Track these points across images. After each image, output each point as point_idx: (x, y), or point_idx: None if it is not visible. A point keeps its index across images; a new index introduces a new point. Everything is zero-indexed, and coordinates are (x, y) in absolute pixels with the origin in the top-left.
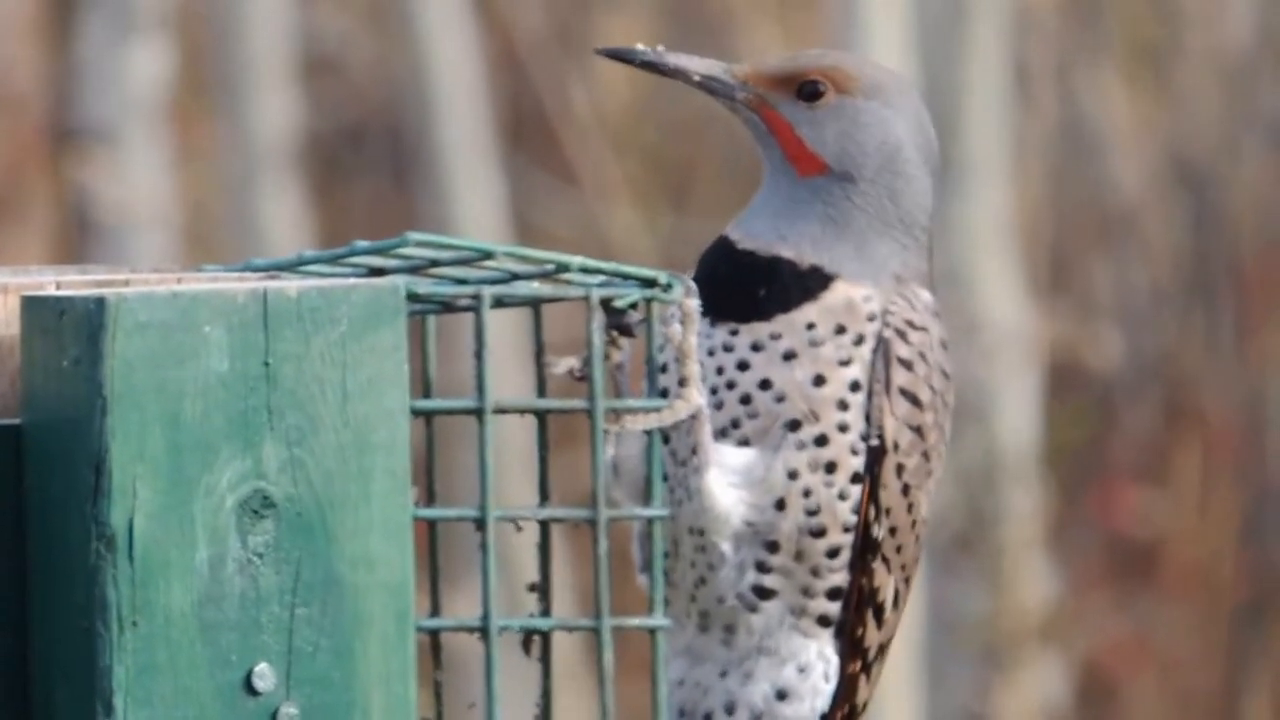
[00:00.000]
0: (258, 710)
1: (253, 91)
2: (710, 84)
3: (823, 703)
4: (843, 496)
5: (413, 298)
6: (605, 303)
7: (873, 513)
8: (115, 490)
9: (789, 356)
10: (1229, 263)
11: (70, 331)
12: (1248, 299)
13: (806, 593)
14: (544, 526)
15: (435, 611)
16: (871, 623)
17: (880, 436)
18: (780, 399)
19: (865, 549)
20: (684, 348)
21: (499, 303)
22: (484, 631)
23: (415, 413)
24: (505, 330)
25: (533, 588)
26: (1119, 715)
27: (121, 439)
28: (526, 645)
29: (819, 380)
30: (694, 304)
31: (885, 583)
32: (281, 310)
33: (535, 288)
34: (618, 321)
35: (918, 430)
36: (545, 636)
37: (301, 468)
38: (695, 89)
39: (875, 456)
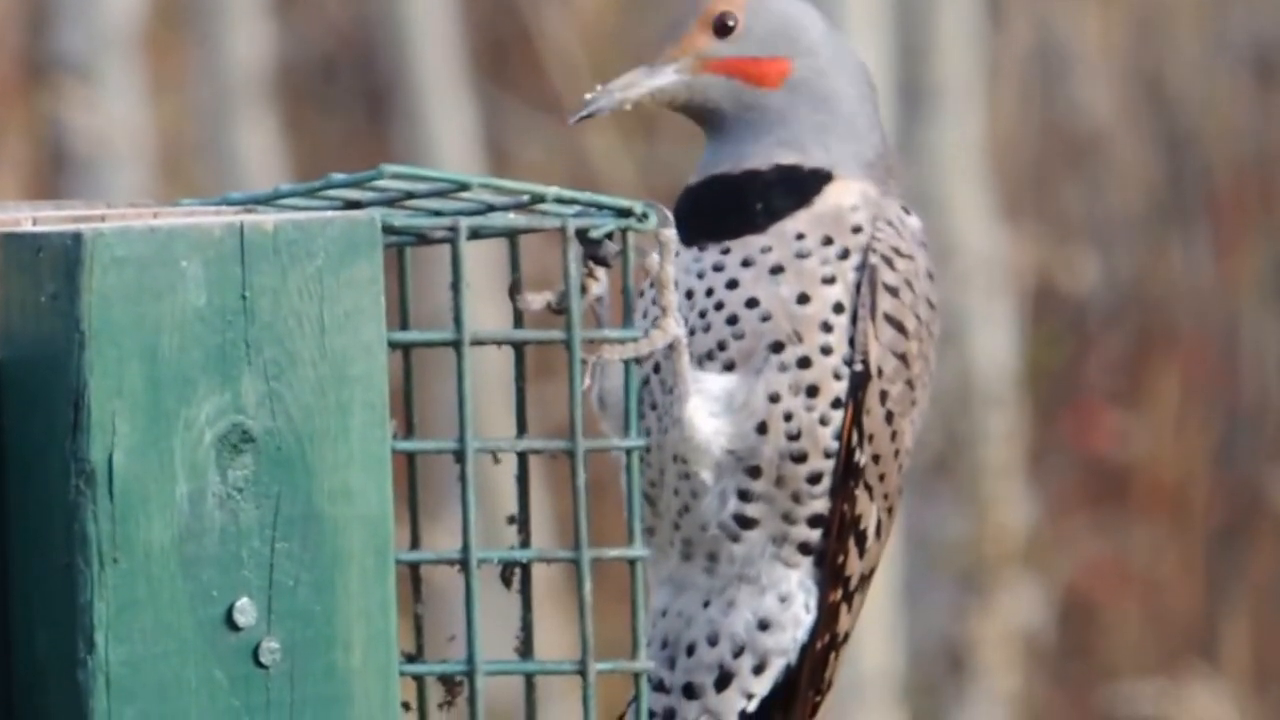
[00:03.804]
0: (239, 645)
1: (227, 23)
2: (660, 88)
3: (803, 633)
4: (824, 421)
5: (389, 230)
6: (581, 233)
7: (855, 438)
8: (94, 426)
9: (776, 271)
10: (1203, 185)
11: (47, 267)
12: (1221, 221)
13: (788, 519)
14: (522, 458)
15: (415, 544)
16: (853, 550)
17: (864, 362)
18: (765, 318)
19: (847, 475)
20: (661, 277)
21: (475, 234)
22: (464, 564)
23: (393, 345)
24: (482, 262)
25: (512, 520)
26: (1099, 638)
27: (100, 374)
28: (506, 577)
29: (803, 299)
30: (670, 233)
31: (867, 510)
32: (258, 244)
33: (511, 219)
34: (594, 252)
35: (902, 358)
36: (525, 568)
37: (280, 401)
38: (656, 100)
39: (859, 382)
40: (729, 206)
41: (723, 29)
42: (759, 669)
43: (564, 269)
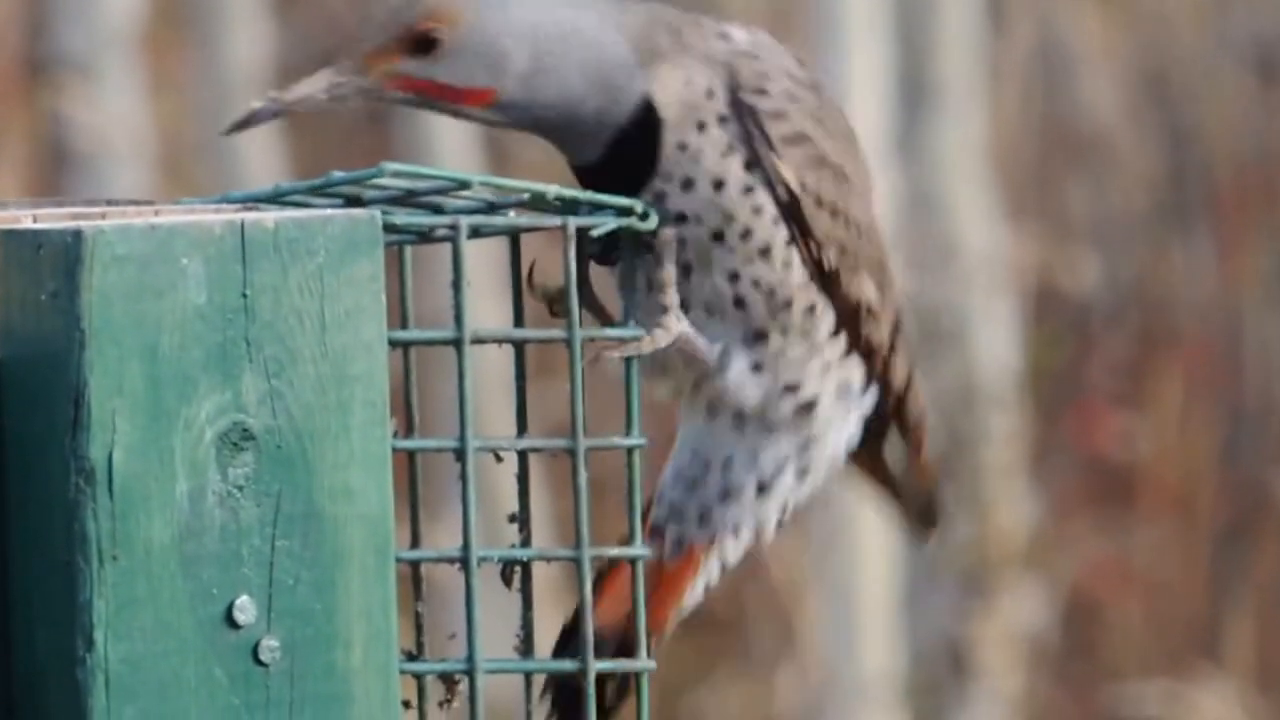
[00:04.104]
0: (239, 643)
1: (227, 21)
2: (338, 96)
3: (867, 408)
4: (787, 265)
5: (390, 228)
6: (582, 232)
7: (814, 250)
8: (94, 424)
9: (688, 184)
10: (1205, 185)
11: (48, 265)
12: (1224, 221)
13: (811, 356)
14: (523, 457)
15: (415, 543)
16: (867, 322)
17: (786, 189)
18: (699, 220)
19: (827, 281)
20: (662, 277)
21: (476, 233)
22: (464, 562)
23: (393, 344)
24: (483, 260)
25: (512, 518)
26: (1102, 638)
27: (100, 372)
28: (506, 576)
29: (718, 184)
30: (670, 233)
31: (856, 287)
32: (259, 242)
33: (512, 217)
34: (594, 251)
35: (817, 161)
36: (525, 567)
37: (280, 400)
38: (332, 107)
39: (792, 207)
40: (620, 161)
41: (423, 47)
42: (802, 476)
43: (564, 268)
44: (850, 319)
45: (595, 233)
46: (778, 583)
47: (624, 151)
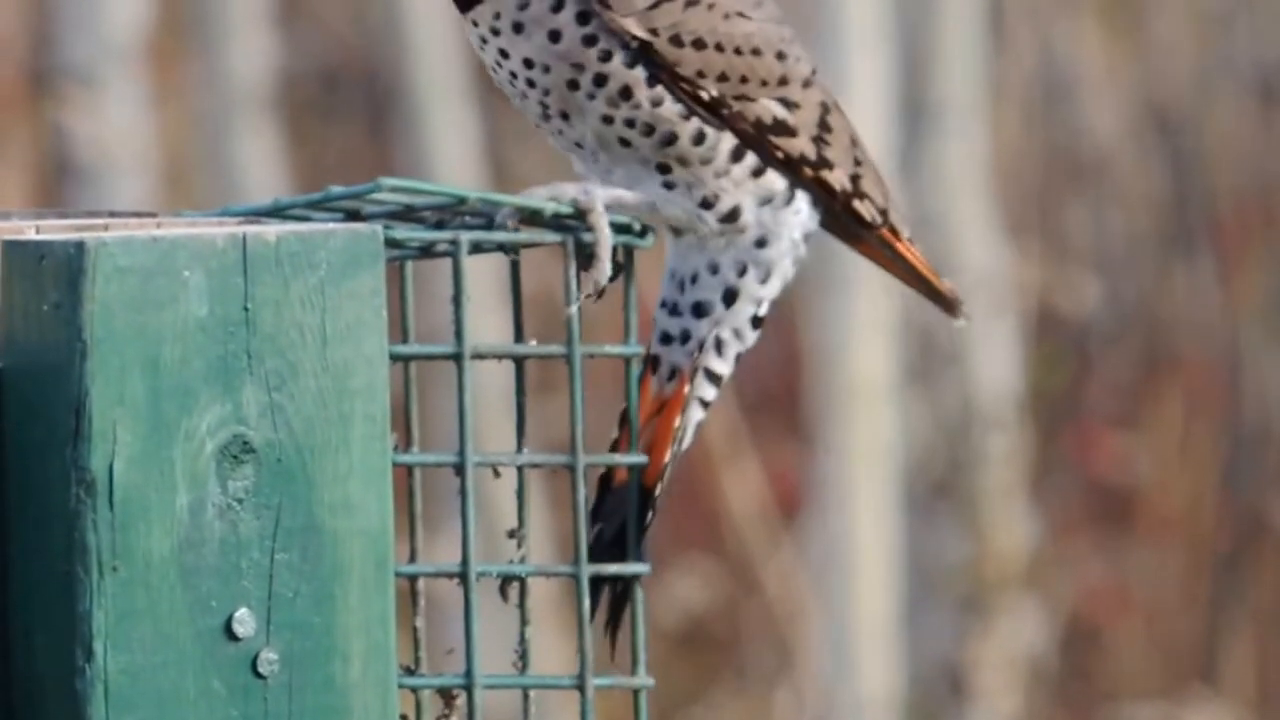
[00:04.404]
0: (238, 656)
1: (229, 34)
2: None
3: (808, 220)
4: (656, 102)
5: (391, 243)
6: (581, 248)
7: (687, 87)
8: (95, 435)
9: (519, 29)
10: (1206, 208)
11: (50, 276)
12: (1225, 244)
13: (719, 176)
14: (522, 473)
15: (414, 557)
16: (784, 139)
17: (633, 37)
18: (547, 69)
19: (714, 109)
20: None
21: (477, 248)
22: (463, 577)
23: (394, 358)
24: (483, 276)
25: (511, 534)
26: (1100, 661)
27: (101, 383)
28: (505, 591)
29: (555, 36)
30: (646, 243)
31: (760, 110)
32: (260, 255)
33: (513, 234)
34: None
35: (657, 1)
36: (524, 582)
37: (281, 413)
38: None
39: (646, 52)
40: None
41: None
42: (765, 278)
43: (565, 283)
44: (754, 139)
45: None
46: (775, 602)
47: None
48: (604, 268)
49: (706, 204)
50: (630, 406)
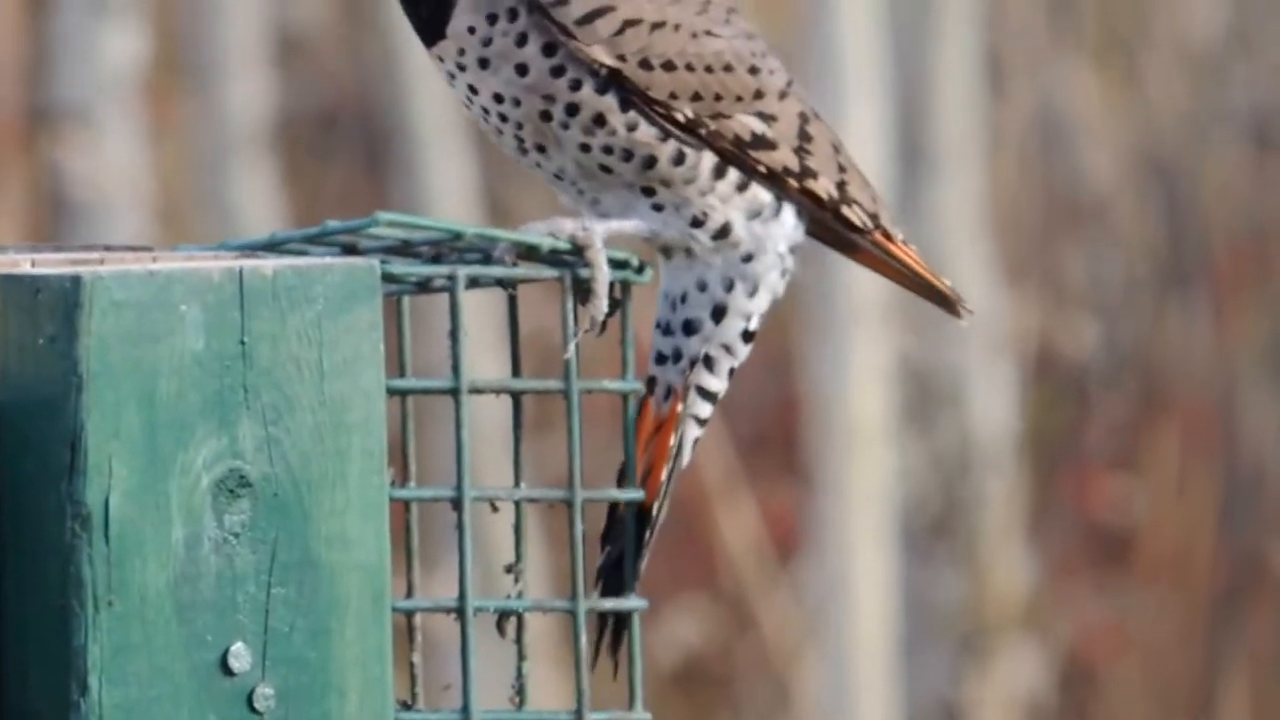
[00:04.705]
0: (233, 690)
1: (226, 73)
2: None
3: (793, 231)
4: (631, 127)
5: (388, 278)
6: (579, 283)
7: (662, 110)
8: (91, 469)
9: (485, 65)
10: (1201, 251)
11: (46, 310)
12: (1220, 287)
13: (705, 195)
14: (519, 507)
15: (411, 592)
16: (764, 153)
17: (602, 65)
18: (517, 103)
19: (692, 129)
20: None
21: (473, 283)
22: (460, 612)
23: (391, 392)
24: (480, 311)
25: (509, 569)
26: (1098, 702)
27: (97, 417)
28: (501, 626)
29: (522, 70)
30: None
31: (728, 126)
32: (257, 289)
33: (510, 269)
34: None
35: (623, 27)
36: (520, 618)
37: (278, 447)
38: None
39: (616, 79)
40: (413, 15)
41: None
42: (752, 292)
43: (562, 319)
44: (734, 155)
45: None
46: (772, 641)
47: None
48: (601, 303)
49: (697, 223)
50: (628, 442)
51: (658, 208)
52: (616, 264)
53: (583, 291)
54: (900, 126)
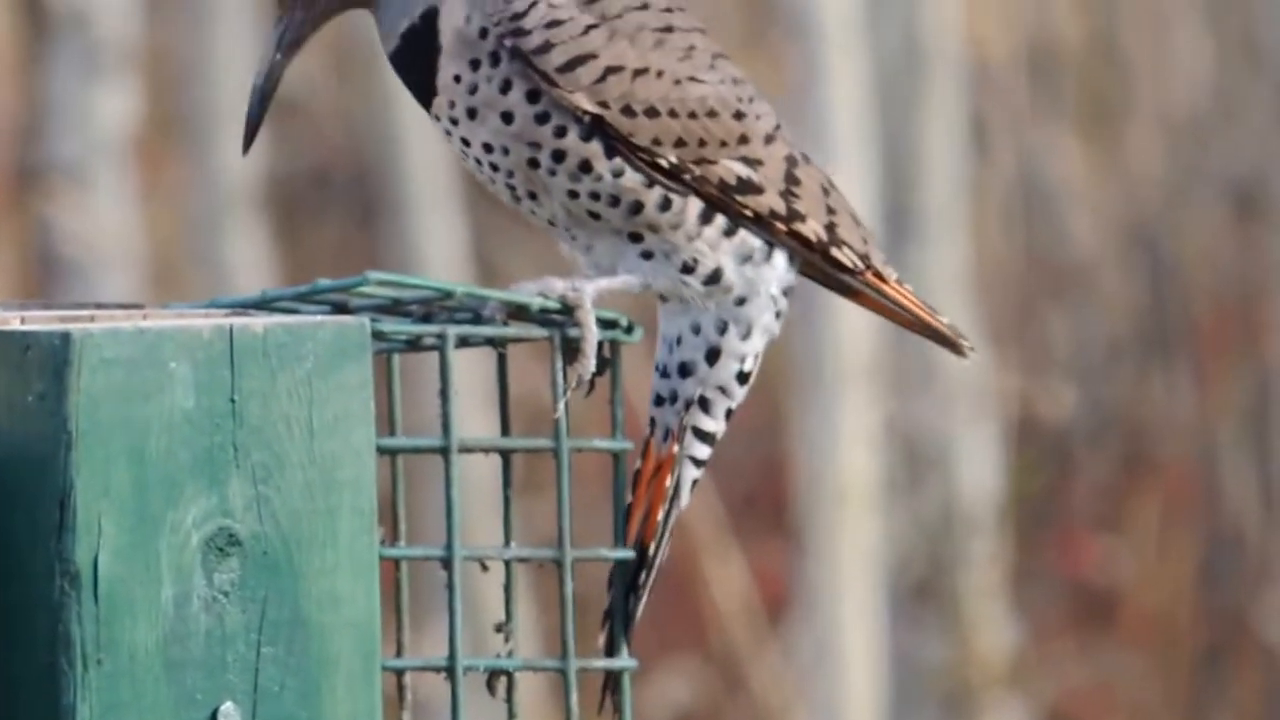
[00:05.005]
0: None
1: (218, 132)
2: (288, 42)
3: (785, 274)
4: (617, 174)
5: (378, 336)
6: (568, 343)
7: (646, 155)
8: (80, 526)
9: (473, 115)
10: (1184, 315)
11: (35, 366)
12: (1201, 350)
13: (692, 240)
14: (509, 567)
15: (401, 651)
16: (750, 198)
17: (585, 111)
18: (506, 151)
19: (675, 175)
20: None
21: (464, 342)
22: (450, 671)
23: (381, 451)
24: (470, 370)
25: (499, 628)
26: None
27: (87, 475)
28: (492, 685)
29: (508, 118)
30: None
31: (714, 171)
32: (248, 346)
33: (499, 328)
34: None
35: (605, 74)
36: (510, 677)
37: (268, 505)
38: (291, 54)
39: (599, 125)
40: (409, 81)
41: None
42: (746, 334)
43: (552, 378)
44: (720, 200)
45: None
46: (761, 701)
47: (414, 51)
48: (589, 363)
49: (687, 269)
50: (617, 501)
51: (646, 255)
52: (605, 324)
53: (571, 351)
54: (887, 190)
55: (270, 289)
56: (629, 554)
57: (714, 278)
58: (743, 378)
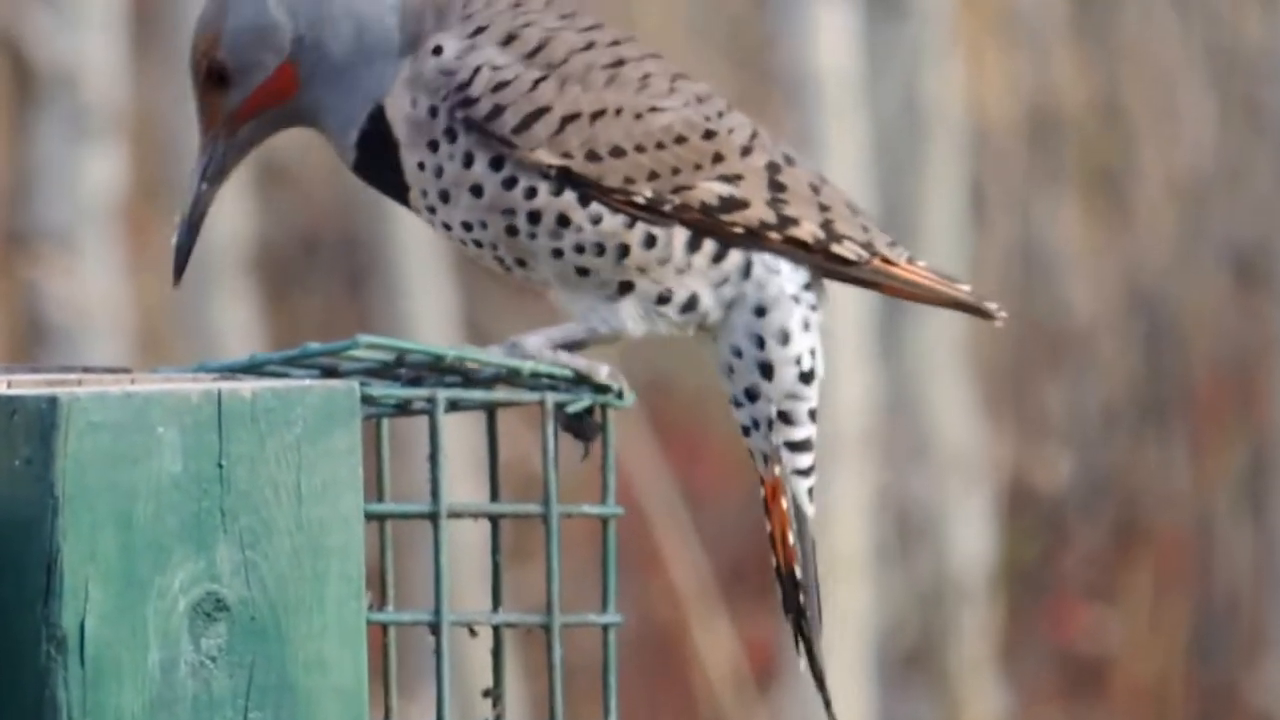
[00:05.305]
0: None
1: None
2: (213, 173)
3: (794, 287)
4: (596, 220)
5: (368, 400)
6: (559, 408)
7: (620, 196)
8: (67, 591)
9: (446, 198)
10: (1180, 383)
11: (22, 431)
12: (1198, 419)
13: (681, 272)
14: (498, 632)
15: (389, 717)
16: (735, 215)
17: (550, 166)
18: (485, 225)
19: (654, 208)
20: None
21: (454, 406)
22: None
23: (370, 516)
24: (459, 435)
25: (487, 694)
26: None
27: (73, 540)
28: None
29: (477, 191)
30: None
31: (693, 196)
32: (236, 411)
33: (490, 392)
34: (575, 426)
35: (563, 124)
36: None
37: (255, 570)
38: (218, 183)
39: (567, 176)
40: (380, 185)
41: (221, 79)
42: (785, 340)
43: (542, 444)
44: (706, 223)
45: (571, 408)
46: None
47: (375, 155)
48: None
49: (689, 306)
50: (606, 566)
51: (647, 299)
52: (597, 388)
53: (569, 418)
54: None
55: (259, 353)
56: (617, 619)
57: (690, 305)
58: (807, 378)
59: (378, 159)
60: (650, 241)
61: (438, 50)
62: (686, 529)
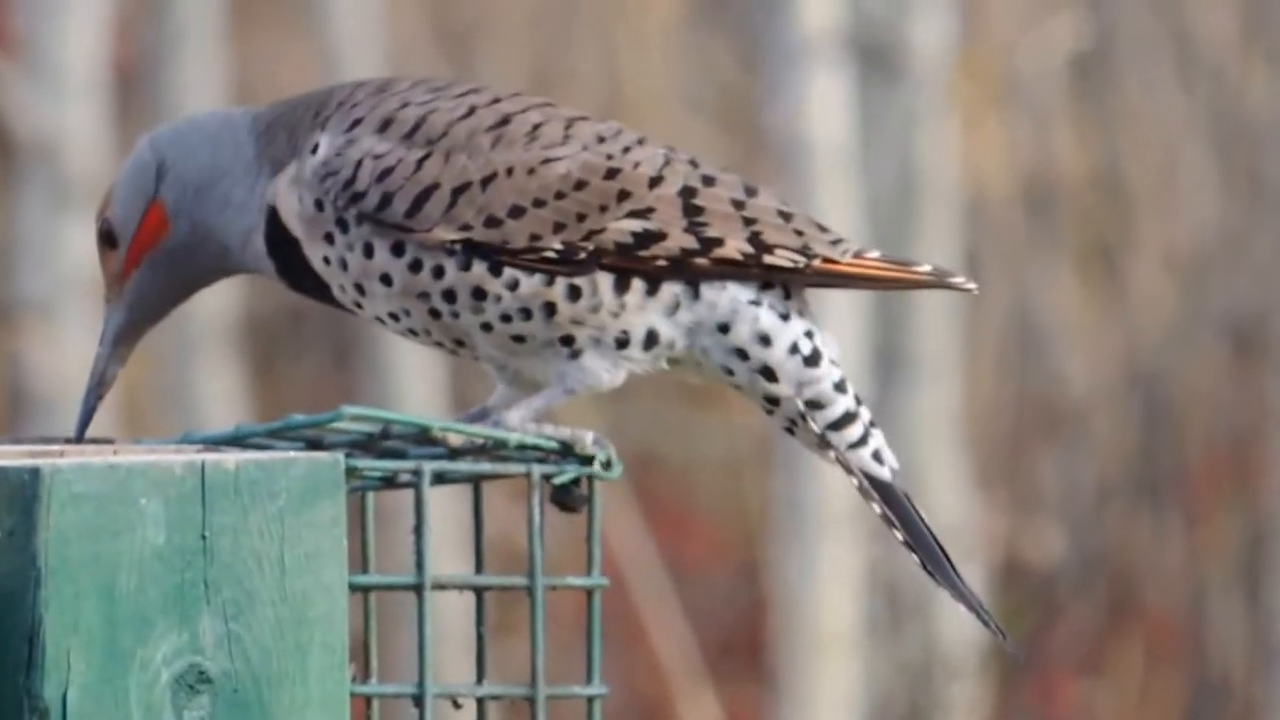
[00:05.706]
0: None
1: None
2: (117, 335)
3: (774, 327)
4: (512, 286)
5: (353, 473)
6: (546, 479)
7: (531, 255)
8: (49, 663)
9: (361, 289)
10: (1175, 458)
11: (4, 502)
12: (1192, 494)
13: (616, 315)
14: (481, 704)
15: None
16: (654, 249)
17: (452, 240)
18: (407, 313)
19: (568, 259)
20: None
21: (439, 478)
22: None
23: (354, 588)
24: (444, 506)
25: None
26: None
27: (56, 611)
28: None
29: (386, 280)
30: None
31: (605, 239)
32: (219, 483)
33: (476, 464)
34: (561, 498)
35: (454, 197)
36: None
37: (238, 643)
38: (127, 342)
39: (473, 246)
40: (309, 291)
41: (111, 239)
42: (765, 340)
43: (529, 515)
44: (626, 264)
45: (558, 480)
46: None
47: (287, 258)
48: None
49: (650, 342)
50: (591, 638)
51: (575, 355)
52: (583, 460)
53: (550, 487)
54: (877, 329)
55: (244, 424)
56: (602, 691)
57: (650, 341)
58: (812, 360)
59: (292, 262)
60: (575, 293)
61: (314, 149)
62: (672, 601)
